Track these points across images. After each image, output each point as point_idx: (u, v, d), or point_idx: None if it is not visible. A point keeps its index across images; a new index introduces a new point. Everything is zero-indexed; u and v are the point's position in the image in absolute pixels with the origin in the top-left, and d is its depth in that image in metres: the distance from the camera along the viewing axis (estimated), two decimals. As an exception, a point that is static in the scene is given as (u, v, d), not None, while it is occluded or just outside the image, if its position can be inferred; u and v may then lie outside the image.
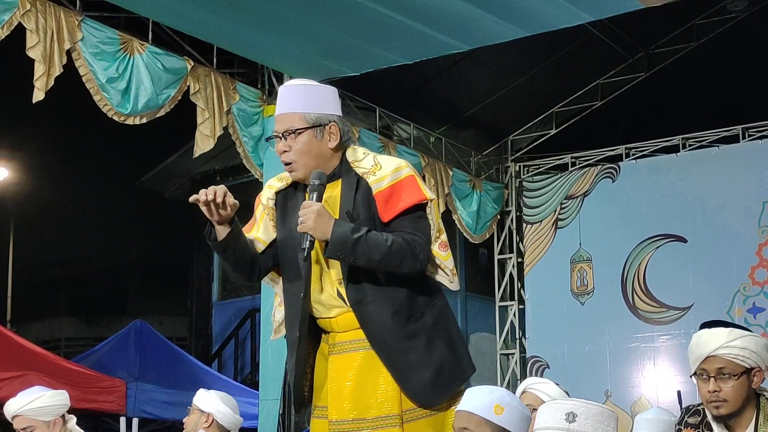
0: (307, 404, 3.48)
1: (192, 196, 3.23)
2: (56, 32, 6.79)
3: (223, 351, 13.02)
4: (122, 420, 9.14)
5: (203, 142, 7.91)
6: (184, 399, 7.15)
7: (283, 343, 3.52)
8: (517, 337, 11.42)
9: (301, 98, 3.35)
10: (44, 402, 4.64)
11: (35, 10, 6.64)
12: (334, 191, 3.33)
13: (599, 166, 11.01)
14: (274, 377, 8.28)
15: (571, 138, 11.33)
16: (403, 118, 10.40)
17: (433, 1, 7.26)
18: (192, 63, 7.77)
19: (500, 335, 11.54)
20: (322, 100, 3.37)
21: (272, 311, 3.61)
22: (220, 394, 5.28)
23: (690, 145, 10.61)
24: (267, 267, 3.48)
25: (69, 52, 6.90)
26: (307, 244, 3.19)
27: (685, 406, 3.53)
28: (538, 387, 4.44)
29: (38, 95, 6.65)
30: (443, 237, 3.41)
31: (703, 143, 10.54)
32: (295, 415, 8.62)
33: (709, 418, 3.34)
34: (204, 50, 8.05)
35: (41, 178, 16.39)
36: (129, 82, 7.26)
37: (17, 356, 8.21)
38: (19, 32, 6.60)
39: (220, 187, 3.24)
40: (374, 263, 3.21)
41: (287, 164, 3.35)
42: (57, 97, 6.90)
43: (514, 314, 11.47)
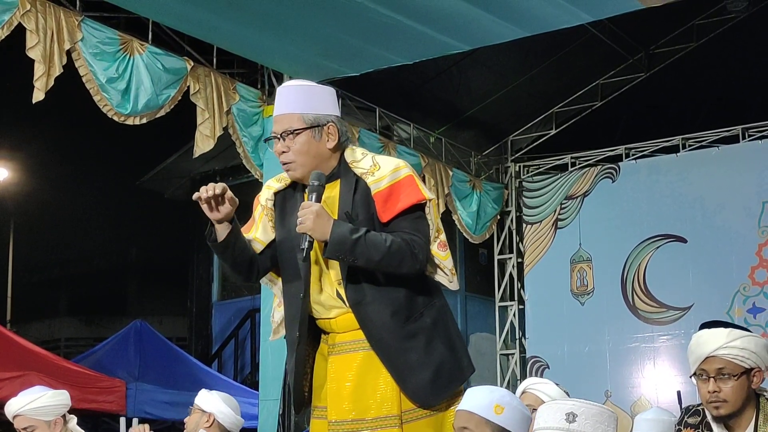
0: (306, 405, 3.48)
1: (194, 194, 3.26)
2: (56, 32, 6.79)
3: (223, 351, 13.01)
4: (122, 420, 9.14)
5: (203, 142, 7.91)
6: (184, 399, 7.17)
7: (283, 343, 3.52)
8: (517, 337, 11.42)
9: (299, 99, 3.35)
10: (45, 402, 4.64)
11: (35, 11, 6.64)
12: (332, 192, 3.33)
13: (599, 167, 11.01)
14: (273, 377, 8.28)
15: (571, 138, 11.32)
16: (403, 119, 10.40)
17: (433, 1, 7.25)
18: (192, 63, 7.77)
19: (500, 335, 11.54)
20: (320, 101, 3.37)
21: (271, 312, 3.62)
22: (222, 394, 5.28)
23: (690, 146, 10.61)
24: (266, 267, 3.49)
25: (69, 53, 6.91)
26: (306, 244, 3.19)
27: (684, 406, 3.52)
28: (538, 387, 4.44)
29: (38, 95, 6.65)
30: (442, 237, 3.41)
31: (703, 143, 10.54)
32: (295, 416, 8.63)
33: (709, 418, 3.34)
34: (204, 50, 8.06)
35: (41, 178, 16.35)
36: (129, 82, 7.27)
37: (17, 356, 8.20)
38: (19, 32, 6.60)
39: (219, 184, 3.26)
40: (373, 263, 3.21)
41: (286, 165, 3.36)
42: (57, 98, 6.90)
43: (514, 314, 11.47)
